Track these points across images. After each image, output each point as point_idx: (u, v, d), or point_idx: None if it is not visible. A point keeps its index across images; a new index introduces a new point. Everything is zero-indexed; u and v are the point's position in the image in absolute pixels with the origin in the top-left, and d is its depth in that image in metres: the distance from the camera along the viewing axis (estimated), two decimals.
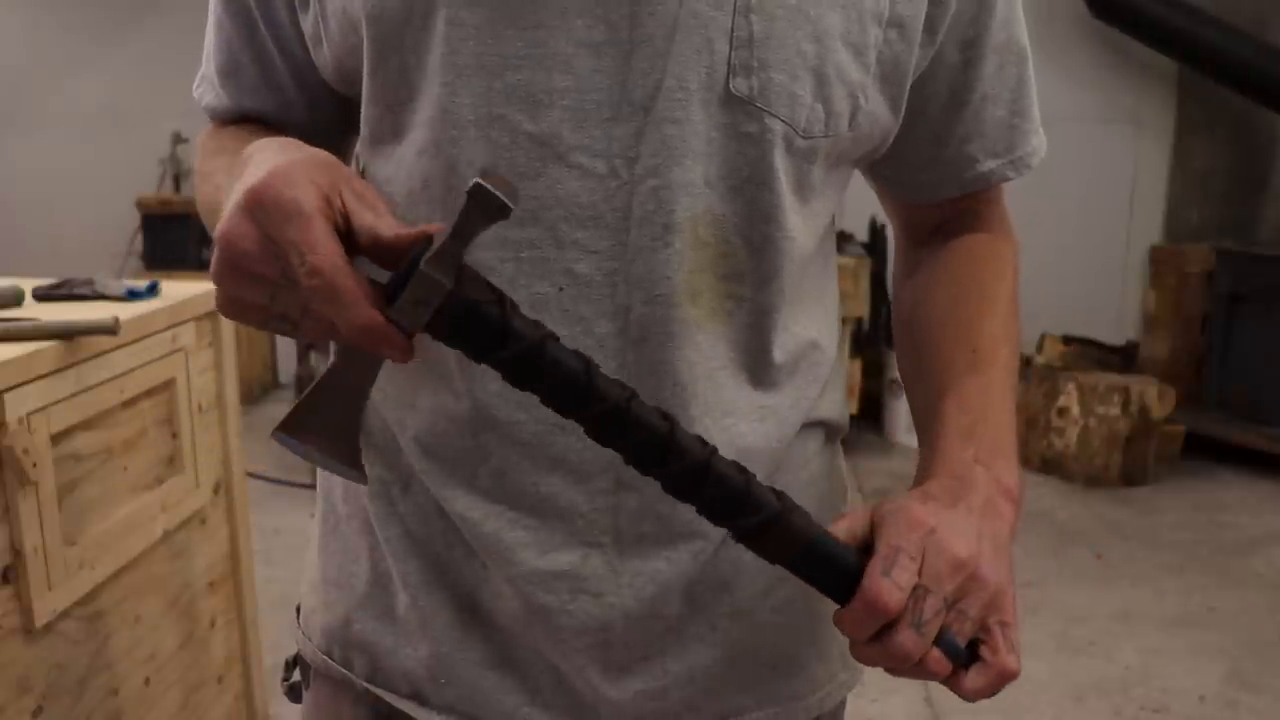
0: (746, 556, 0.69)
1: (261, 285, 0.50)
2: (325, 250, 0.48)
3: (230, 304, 0.51)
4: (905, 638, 0.52)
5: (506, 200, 0.48)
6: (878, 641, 0.53)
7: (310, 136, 0.71)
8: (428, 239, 0.49)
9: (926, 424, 0.67)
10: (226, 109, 0.70)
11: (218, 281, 0.50)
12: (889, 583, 0.51)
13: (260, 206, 0.48)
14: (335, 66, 0.64)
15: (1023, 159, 0.71)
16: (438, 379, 0.63)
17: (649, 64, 0.56)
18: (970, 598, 0.54)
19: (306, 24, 0.64)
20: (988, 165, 0.70)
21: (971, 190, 0.72)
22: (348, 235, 0.50)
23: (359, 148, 0.67)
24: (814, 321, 0.70)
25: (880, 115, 0.64)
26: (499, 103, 0.57)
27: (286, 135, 0.70)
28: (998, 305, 0.71)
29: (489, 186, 0.48)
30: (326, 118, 0.70)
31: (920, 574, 0.52)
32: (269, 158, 0.51)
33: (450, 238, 0.49)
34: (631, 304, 0.59)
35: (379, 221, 0.50)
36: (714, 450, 0.54)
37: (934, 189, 0.73)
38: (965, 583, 0.54)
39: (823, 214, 0.67)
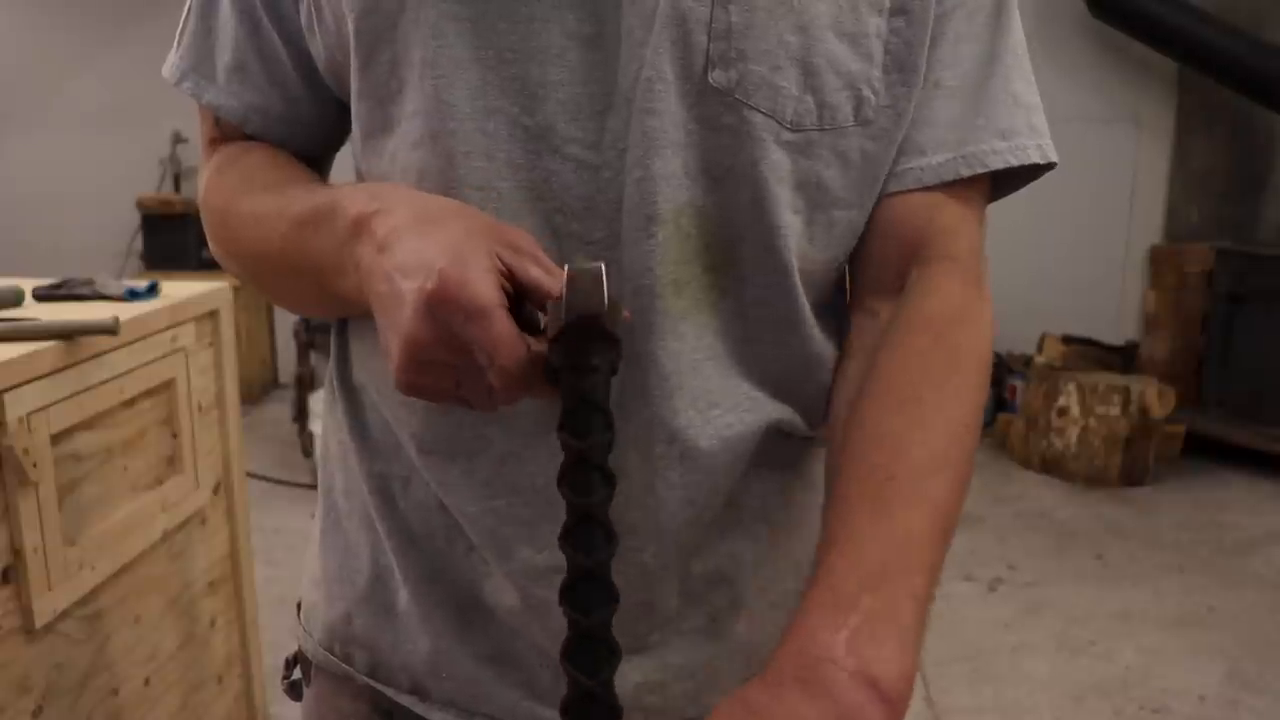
0: (745, 550, 0.69)
1: (448, 375, 0.51)
2: (507, 348, 0.49)
3: (413, 389, 0.53)
4: None
5: (596, 314, 0.48)
6: None
7: (317, 135, 0.71)
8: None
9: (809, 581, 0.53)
10: (233, 108, 0.69)
11: (402, 374, 0.51)
12: None
13: (442, 307, 0.49)
14: (327, 58, 0.65)
15: (975, 156, 0.63)
16: None
17: (630, 55, 0.56)
18: None
19: (302, 12, 0.64)
20: (936, 158, 0.63)
21: (919, 185, 0.63)
22: (512, 293, 0.51)
23: (353, 144, 0.67)
24: (830, 333, 0.67)
25: (904, 109, 0.62)
26: (494, 95, 0.57)
27: (294, 136, 0.70)
28: (940, 414, 0.56)
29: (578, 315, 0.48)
30: (333, 115, 0.70)
31: None
32: (406, 222, 0.53)
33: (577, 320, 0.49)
34: (622, 294, 0.59)
35: (547, 280, 0.51)
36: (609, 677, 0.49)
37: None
38: None
39: (843, 223, 0.64)
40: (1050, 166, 0.66)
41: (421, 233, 0.52)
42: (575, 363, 0.49)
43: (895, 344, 0.60)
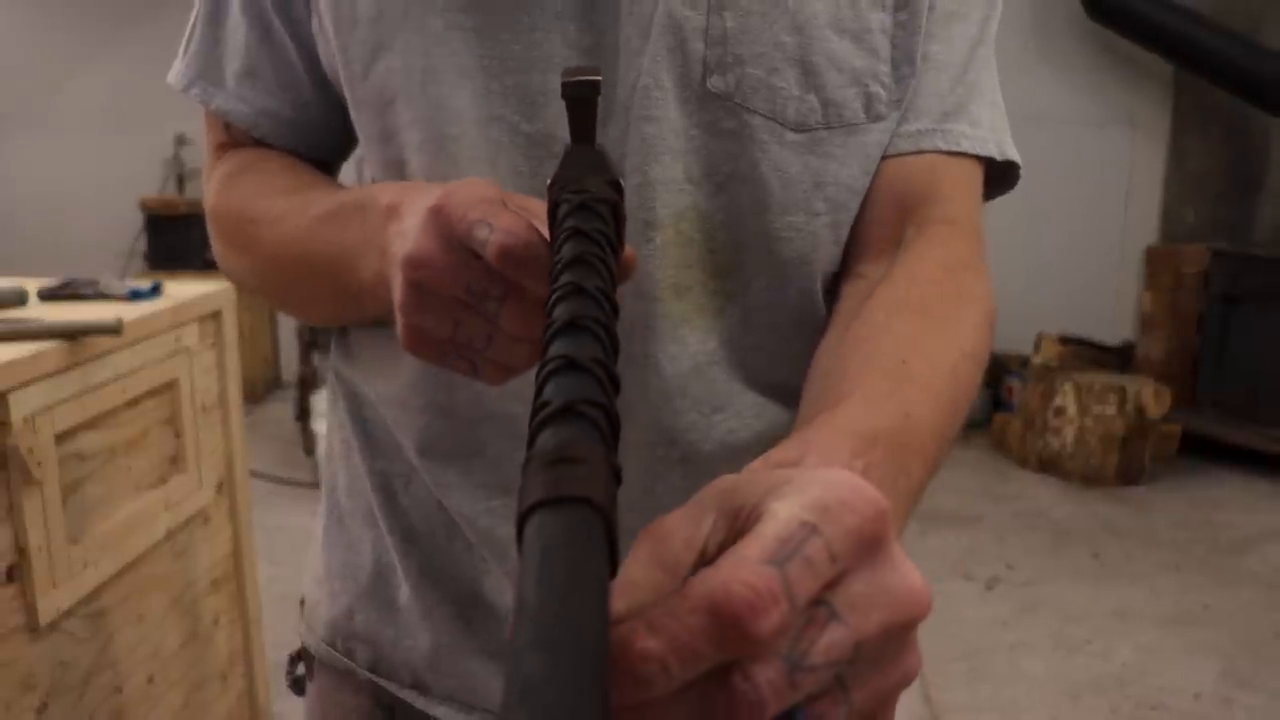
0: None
1: (448, 309, 0.47)
2: (509, 217, 0.44)
3: (413, 335, 0.48)
4: (764, 676, 0.26)
5: (592, 78, 0.43)
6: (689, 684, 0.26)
7: (326, 141, 0.71)
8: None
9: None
10: (242, 113, 0.69)
11: (402, 312, 0.48)
12: (769, 573, 0.26)
13: (441, 214, 0.46)
14: (327, 64, 0.65)
15: (951, 133, 0.62)
16: (433, 378, 0.64)
17: (628, 64, 0.57)
18: (882, 668, 0.29)
19: (312, 16, 0.64)
20: (914, 125, 0.61)
21: (895, 151, 0.62)
22: None
23: (360, 151, 0.67)
24: None
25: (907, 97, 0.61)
26: (497, 103, 0.58)
27: (304, 140, 0.70)
28: (952, 330, 0.52)
29: (572, 79, 0.43)
30: (341, 120, 0.69)
31: (832, 592, 0.28)
32: (427, 189, 0.51)
33: (573, 148, 0.44)
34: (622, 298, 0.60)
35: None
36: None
37: None
38: (893, 636, 0.29)
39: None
40: (1010, 166, 0.65)
41: (437, 185, 0.51)
42: (578, 135, 0.43)
43: (899, 277, 0.56)
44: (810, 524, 0.28)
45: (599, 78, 0.42)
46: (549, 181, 0.42)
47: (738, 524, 0.29)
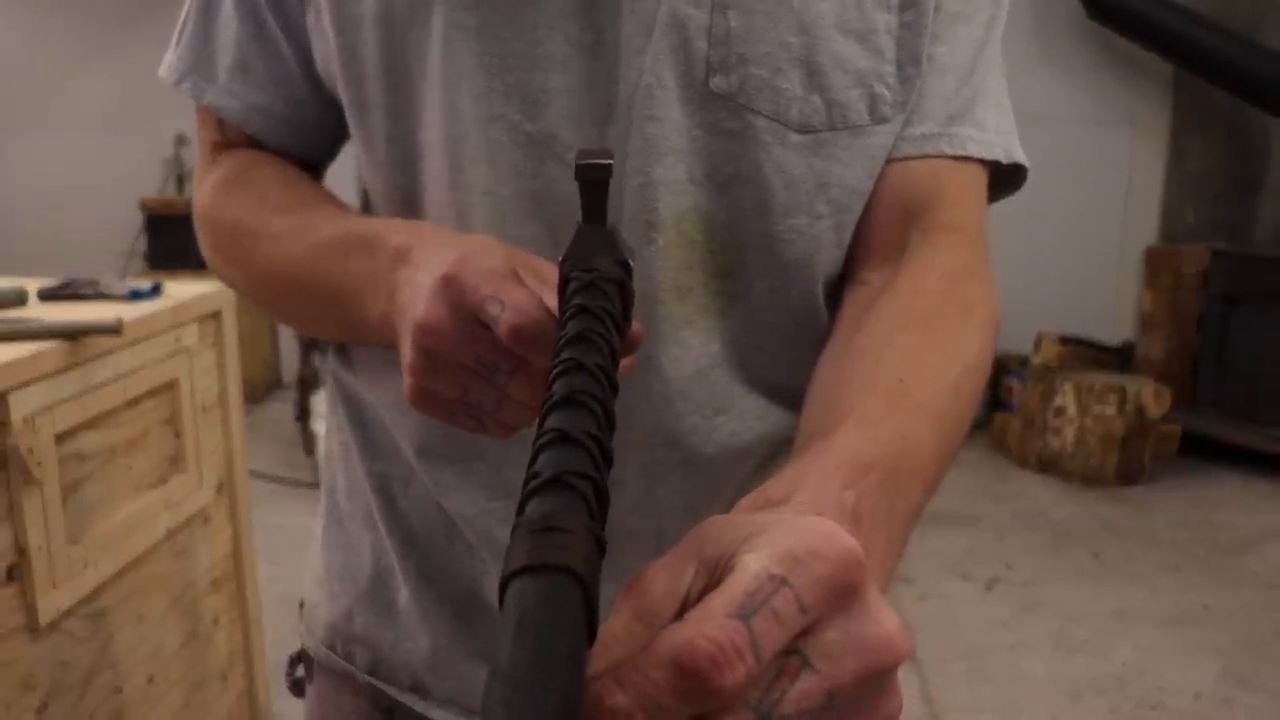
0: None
1: (457, 376, 0.48)
2: (521, 295, 0.46)
3: (421, 396, 0.49)
4: None
5: (605, 161, 0.44)
6: None
7: (319, 140, 0.71)
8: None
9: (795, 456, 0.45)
10: (234, 108, 0.68)
11: (411, 374, 0.48)
12: (734, 627, 0.26)
13: (453, 284, 0.47)
14: (323, 64, 0.65)
15: (958, 137, 0.61)
16: None
17: (629, 63, 0.57)
18: (860, 713, 0.29)
19: (309, 13, 0.64)
20: (920, 129, 0.61)
21: (901, 155, 0.61)
22: None
23: (357, 154, 0.67)
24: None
25: (912, 99, 0.61)
26: (498, 103, 0.57)
27: (297, 139, 0.70)
28: (954, 344, 0.52)
29: (585, 161, 0.44)
30: (333, 118, 0.69)
31: (805, 641, 0.28)
32: (438, 245, 0.51)
33: (585, 227, 0.44)
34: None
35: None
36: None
37: None
38: (868, 683, 0.29)
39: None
40: (1016, 169, 0.65)
41: (447, 241, 0.52)
42: (589, 213, 0.44)
43: (902, 288, 0.56)
44: (779, 576, 0.28)
45: (611, 161, 0.43)
46: (560, 258, 0.43)
47: (715, 574, 0.29)
